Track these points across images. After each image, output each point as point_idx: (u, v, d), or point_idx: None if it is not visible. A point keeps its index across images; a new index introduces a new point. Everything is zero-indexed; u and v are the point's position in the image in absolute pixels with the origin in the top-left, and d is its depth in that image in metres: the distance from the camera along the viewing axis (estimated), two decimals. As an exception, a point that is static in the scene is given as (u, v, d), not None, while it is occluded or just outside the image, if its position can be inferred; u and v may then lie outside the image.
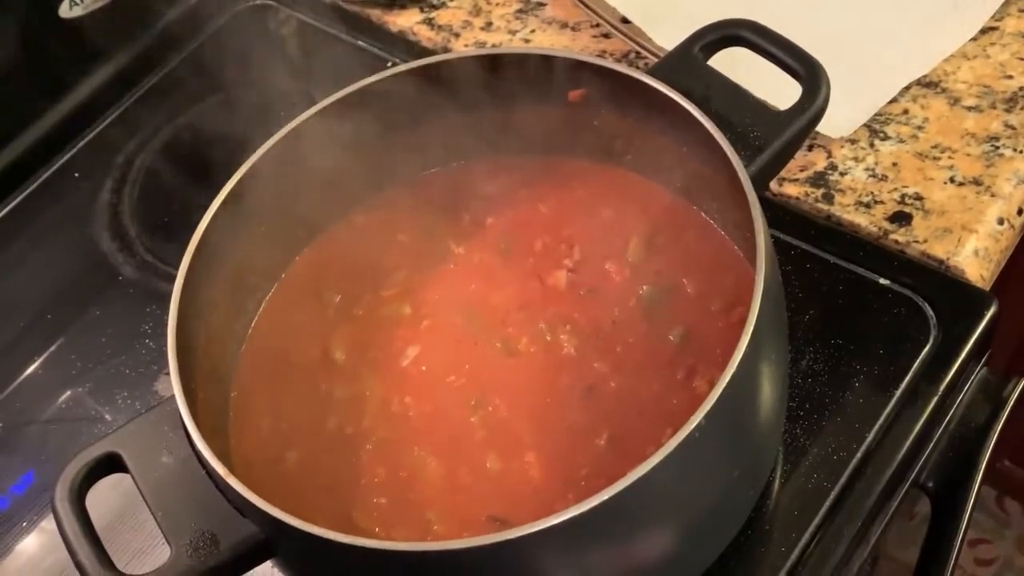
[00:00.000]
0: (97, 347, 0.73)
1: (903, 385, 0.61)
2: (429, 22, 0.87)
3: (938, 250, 0.66)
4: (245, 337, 0.60)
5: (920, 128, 0.72)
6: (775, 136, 0.55)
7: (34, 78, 0.83)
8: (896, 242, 0.67)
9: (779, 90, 0.57)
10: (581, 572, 0.49)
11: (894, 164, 0.71)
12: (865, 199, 0.69)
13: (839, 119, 0.70)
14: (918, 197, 0.69)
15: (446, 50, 0.84)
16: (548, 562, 0.47)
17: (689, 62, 0.58)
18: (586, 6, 0.81)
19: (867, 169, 0.71)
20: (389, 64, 0.84)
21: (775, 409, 0.54)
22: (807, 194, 0.70)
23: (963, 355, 0.62)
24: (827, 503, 0.58)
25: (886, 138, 0.72)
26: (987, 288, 0.66)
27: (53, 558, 0.65)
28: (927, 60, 0.75)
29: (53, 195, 0.84)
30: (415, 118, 0.62)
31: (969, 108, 0.73)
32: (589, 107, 0.60)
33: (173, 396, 0.49)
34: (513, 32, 0.84)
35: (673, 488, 0.47)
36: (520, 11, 0.86)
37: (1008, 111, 0.72)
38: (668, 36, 0.75)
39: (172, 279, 0.53)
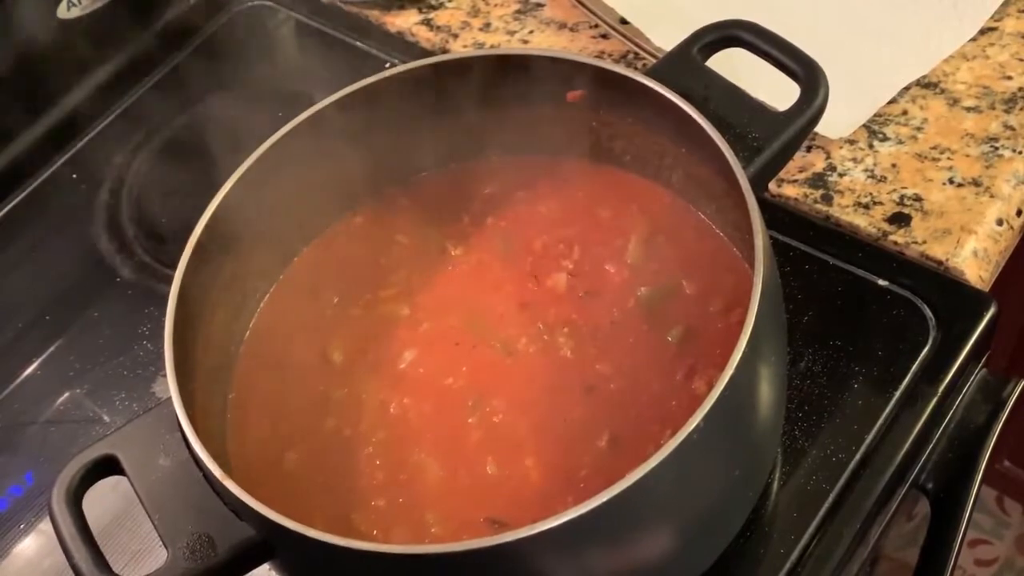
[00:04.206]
0: (95, 348, 0.73)
1: (902, 386, 0.61)
2: (428, 23, 0.87)
3: (937, 251, 0.66)
4: (243, 338, 0.60)
5: (919, 129, 0.72)
6: (774, 137, 0.55)
7: (32, 79, 0.83)
8: (895, 243, 0.67)
9: (778, 91, 0.57)
10: (580, 574, 0.48)
11: (893, 165, 0.71)
12: (864, 200, 0.69)
13: (838, 120, 0.70)
14: (917, 198, 0.69)
15: (445, 51, 0.84)
16: (547, 564, 0.47)
17: (687, 63, 0.58)
18: (584, 7, 0.80)
19: (866, 170, 0.71)
20: (388, 65, 0.83)
21: (774, 410, 0.54)
22: (806, 195, 0.70)
23: (962, 356, 0.62)
24: (826, 504, 0.58)
25: (885, 139, 0.72)
26: (986, 289, 0.66)
27: (51, 560, 0.65)
28: (926, 61, 0.75)
29: (51, 196, 0.84)
30: (414, 119, 0.62)
31: (968, 109, 0.73)
32: (587, 108, 0.60)
33: (170, 398, 0.49)
34: (511, 33, 0.84)
35: (672, 490, 0.47)
36: (519, 12, 0.86)
37: (1007, 112, 0.72)
38: (666, 37, 0.75)
39: (170, 280, 0.53)
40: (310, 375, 0.59)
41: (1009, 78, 0.74)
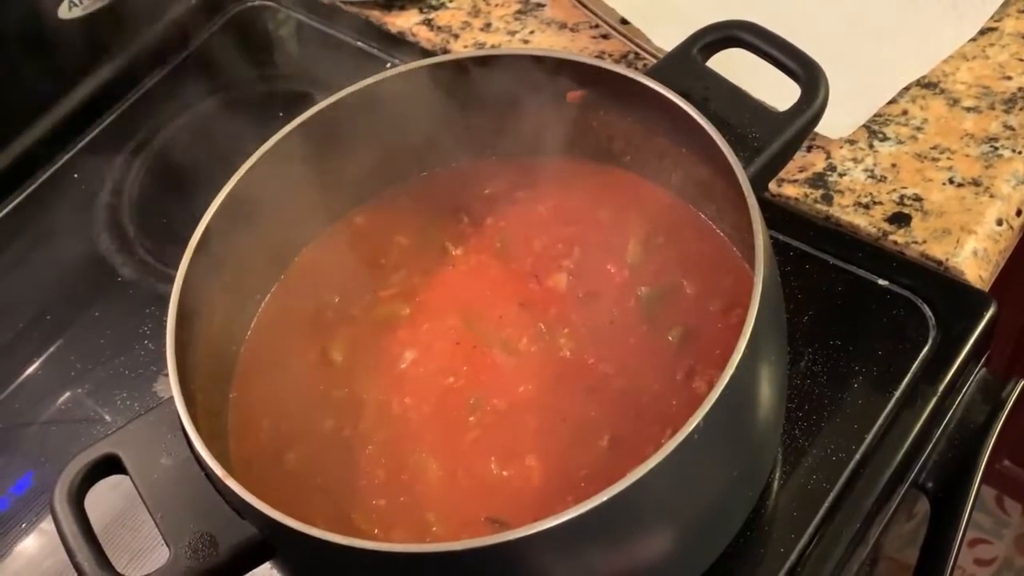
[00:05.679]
0: (96, 348, 0.73)
1: (902, 386, 0.61)
2: (428, 23, 0.87)
3: (937, 251, 0.66)
4: (244, 338, 0.60)
5: (919, 129, 0.72)
6: (774, 137, 0.55)
7: (34, 79, 0.83)
8: (895, 243, 0.67)
9: (778, 91, 0.57)
10: (580, 574, 0.49)
11: (893, 165, 0.71)
12: (864, 200, 0.69)
13: (838, 120, 0.70)
14: (917, 198, 0.69)
15: (445, 51, 0.85)
16: (547, 564, 0.47)
17: (688, 63, 0.58)
18: (585, 7, 0.81)
19: (866, 170, 0.71)
20: (388, 65, 0.84)
21: (774, 410, 0.54)
22: (806, 195, 0.70)
23: (962, 356, 0.62)
24: (826, 504, 0.58)
25: (885, 139, 0.72)
26: (986, 289, 0.66)
27: (52, 559, 0.65)
28: (926, 61, 0.75)
29: (52, 196, 0.84)
30: (414, 119, 0.62)
31: (968, 109, 0.73)
32: (588, 108, 0.60)
33: (172, 398, 0.49)
34: (512, 33, 0.84)
35: (672, 489, 0.47)
36: (519, 12, 0.86)
37: (1007, 112, 0.72)
38: (667, 37, 0.75)
39: (171, 280, 0.54)
40: (311, 375, 0.59)
41: (1009, 78, 0.74)
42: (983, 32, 0.77)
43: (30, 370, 0.74)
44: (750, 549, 0.57)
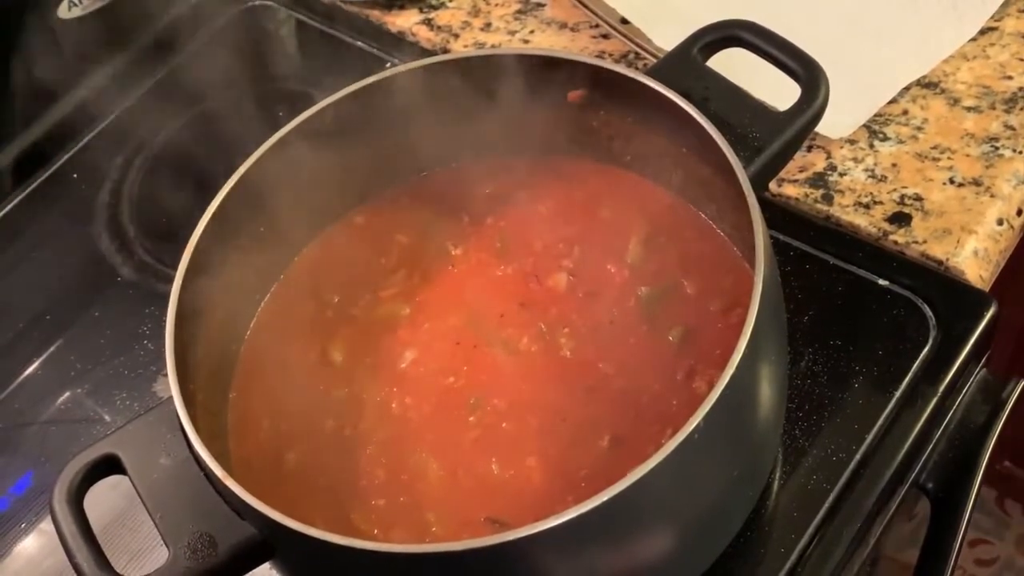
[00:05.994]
0: (96, 348, 0.73)
1: (902, 386, 0.61)
2: (428, 23, 0.87)
3: (937, 251, 0.66)
4: (244, 338, 0.60)
5: (919, 129, 0.72)
6: (774, 137, 0.55)
7: (33, 79, 0.83)
8: (895, 243, 0.67)
9: (778, 91, 0.57)
10: (580, 574, 0.49)
11: (893, 165, 0.71)
12: (864, 200, 0.69)
13: (838, 120, 0.70)
14: (917, 198, 0.69)
15: (445, 51, 0.84)
16: (547, 564, 0.47)
17: (688, 63, 0.58)
18: (585, 7, 0.81)
19: (866, 170, 0.71)
20: (388, 65, 0.84)
21: (774, 410, 0.54)
22: (806, 195, 0.70)
23: (963, 356, 0.62)
24: (826, 504, 0.58)
25: (885, 139, 0.72)
26: (986, 289, 0.66)
27: (52, 560, 0.65)
28: (926, 60, 0.75)
29: (52, 196, 0.84)
30: (414, 118, 0.62)
31: (968, 109, 0.73)
32: (588, 108, 0.61)
33: (171, 398, 0.49)
34: (512, 33, 0.84)
35: (672, 489, 0.47)
36: (519, 12, 0.86)
37: (1008, 111, 0.72)
38: (667, 37, 0.75)
39: (171, 280, 0.54)
40: (311, 375, 0.59)
41: (1009, 78, 0.74)
42: (983, 32, 0.77)
43: (30, 370, 0.74)
44: (750, 549, 0.57)
